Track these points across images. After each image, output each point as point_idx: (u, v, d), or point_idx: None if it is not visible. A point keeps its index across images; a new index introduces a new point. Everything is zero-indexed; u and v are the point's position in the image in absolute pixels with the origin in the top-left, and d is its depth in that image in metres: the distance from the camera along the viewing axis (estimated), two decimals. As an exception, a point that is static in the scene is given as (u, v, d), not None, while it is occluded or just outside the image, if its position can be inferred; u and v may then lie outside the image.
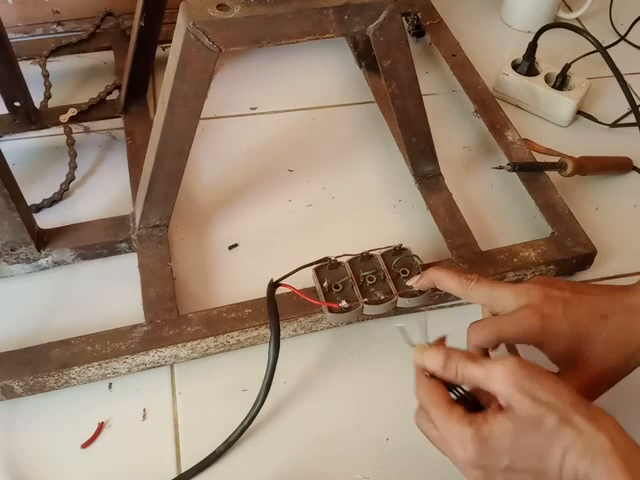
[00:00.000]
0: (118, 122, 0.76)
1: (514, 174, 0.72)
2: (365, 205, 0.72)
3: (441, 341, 0.47)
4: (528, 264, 0.63)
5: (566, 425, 0.38)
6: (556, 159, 0.73)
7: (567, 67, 0.80)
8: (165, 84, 0.54)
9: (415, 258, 0.59)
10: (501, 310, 0.49)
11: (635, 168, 0.77)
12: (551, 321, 0.46)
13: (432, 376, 0.44)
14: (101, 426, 0.54)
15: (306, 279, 0.57)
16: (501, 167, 0.71)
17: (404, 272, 0.58)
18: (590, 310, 0.47)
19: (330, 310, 0.55)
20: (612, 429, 0.38)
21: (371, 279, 0.57)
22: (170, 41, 0.52)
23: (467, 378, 0.42)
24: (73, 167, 0.71)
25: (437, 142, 0.68)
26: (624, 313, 0.46)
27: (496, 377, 0.41)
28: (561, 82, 0.81)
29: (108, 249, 0.64)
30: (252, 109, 0.82)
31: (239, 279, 0.64)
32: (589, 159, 0.74)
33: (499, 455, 0.40)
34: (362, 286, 0.57)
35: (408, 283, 0.56)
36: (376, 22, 0.55)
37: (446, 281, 0.52)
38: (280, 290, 0.55)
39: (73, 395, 0.56)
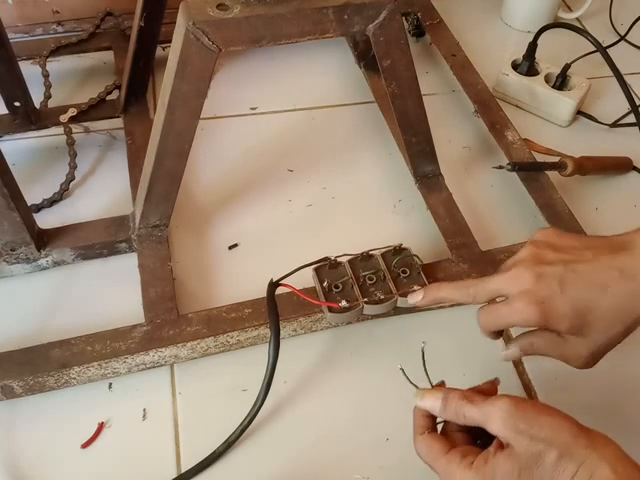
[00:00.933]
0: (118, 122, 0.76)
1: (514, 174, 0.71)
2: (365, 205, 0.72)
3: (440, 385, 0.48)
4: (528, 264, 0.63)
5: (567, 458, 0.38)
6: (556, 159, 0.73)
7: (567, 67, 0.80)
8: (165, 84, 0.54)
9: (415, 258, 0.59)
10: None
11: (635, 168, 0.77)
12: (550, 305, 0.45)
13: (430, 428, 0.45)
14: (101, 426, 0.54)
15: (306, 279, 0.57)
16: (501, 167, 0.71)
17: (404, 272, 0.58)
18: (588, 283, 0.44)
19: (330, 310, 0.55)
20: (613, 458, 0.38)
21: (371, 279, 0.57)
22: (170, 41, 0.52)
23: (467, 418, 0.43)
24: (73, 167, 0.71)
25: (437, 142, 0.68)
26: (624, 280, 0.44)
27: (492, 419, 0.41)
28: (561, 82, 0.81)
29: (108, 249, 0.64)
30: (252, 109, 0.82)
31: (239, 279, 0.64)
32: (589, 159, 0.74)
33: None
34: (362, 286, 0.57)
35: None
36: (376, 22, 0.55)
37: (449, 296, 0.52)
38: (280, 290, 0.55)
39: (73, 395, 0.56)
